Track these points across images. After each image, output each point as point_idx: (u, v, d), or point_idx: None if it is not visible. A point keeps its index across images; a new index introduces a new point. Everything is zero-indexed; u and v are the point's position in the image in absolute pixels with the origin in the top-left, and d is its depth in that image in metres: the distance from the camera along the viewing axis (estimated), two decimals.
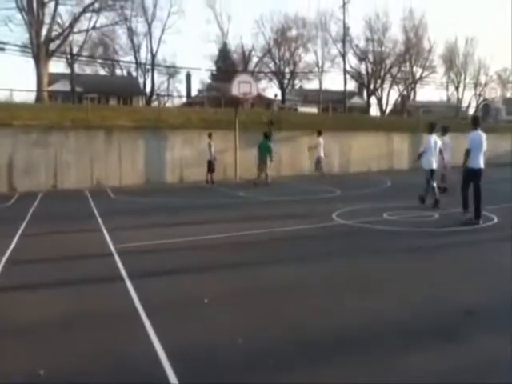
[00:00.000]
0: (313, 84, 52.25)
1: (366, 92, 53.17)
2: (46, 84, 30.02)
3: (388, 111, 51.98)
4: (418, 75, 54.50)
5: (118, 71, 51.11)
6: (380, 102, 52.18)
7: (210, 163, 17.77)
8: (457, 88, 56.39)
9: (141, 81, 47.08)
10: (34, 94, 29.06)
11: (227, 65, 47.59)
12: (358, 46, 50.46)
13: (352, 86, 53.76)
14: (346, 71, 42.35)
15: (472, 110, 52.33)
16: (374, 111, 50.83)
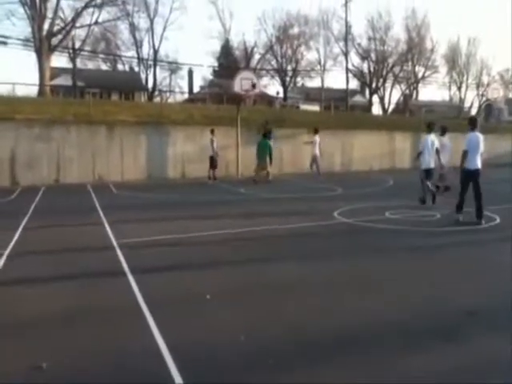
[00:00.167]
0: (315, 82, 52.55)
1: (368, 91, 53.13)
2: (48, 78, 30.01)
3: (390, 110, 51.95)
4: (420, 75, 54.57)
5: (119, 66, 51.20)
6: (382, 100, 52.18)
7: (212, 159, 17.76)
8: (459, 88, 56.43)
9: (143, 76, 47.11)
10: (36, 88, 29.09)
11: (229, 61, 47.51)
12: (360, 44, 50.50)
13: (354, 84, 53.82)
14: (348, 70, 42.34)
15: (474, 111, 52.34)
16: (376, 110, 50.91)
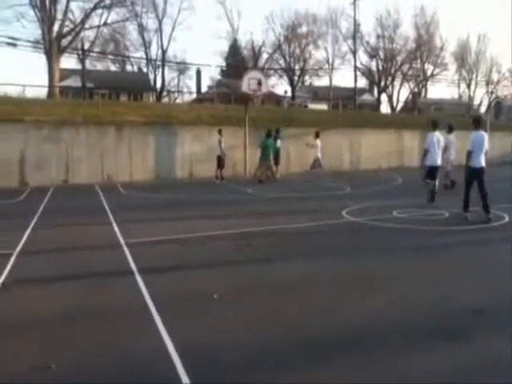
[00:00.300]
0: (323, 81, 52.41)
1: (376, 89, 52.88)
2: (57, 80, 30.25)
3: (399, 108, 51.66)
4: (429, 72, 54.19)
5: (128, 67, 51.49)
6: (391, 99, 51.90)
7: (219, 159, 17.78)
8: (468, 86, 55.98)
9: (151, 77, 47.34)
10: (45, 90, 29.32)
11: (237, 61, 47.53)
12: (368, 42, 50.32)
13: (362, 83, 53.67)
14: (356, 68, 42.21)
15: (484, 108, 51.86)
16: (385, 108, 50.65)
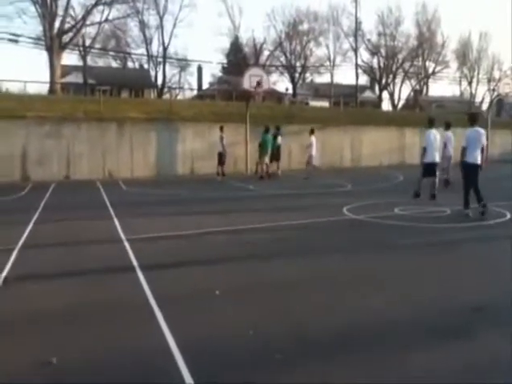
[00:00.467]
0: (324, 78, 52.05)
1: (377, 86, 52.78)
2: (58, 76, 30.25)
3: (400, 106, 51.56)
4: (430, 70, 54.01)
5: (129, 64, 51.34)
6: (392, 96, 51.77)
7: (220, 156, 17.78)
8: (470, 83, 55.80)
9: (152, 73, 47.21)
10: (47, 86, 29.34)
11: (238, 58, 47.43)
12: (370, 40, 50.13)
13: (364, 80, 53.54)
14: (357, 65, 42.19)
15: (485, 106, 51.74)
16: (386, 106, 50.51)
